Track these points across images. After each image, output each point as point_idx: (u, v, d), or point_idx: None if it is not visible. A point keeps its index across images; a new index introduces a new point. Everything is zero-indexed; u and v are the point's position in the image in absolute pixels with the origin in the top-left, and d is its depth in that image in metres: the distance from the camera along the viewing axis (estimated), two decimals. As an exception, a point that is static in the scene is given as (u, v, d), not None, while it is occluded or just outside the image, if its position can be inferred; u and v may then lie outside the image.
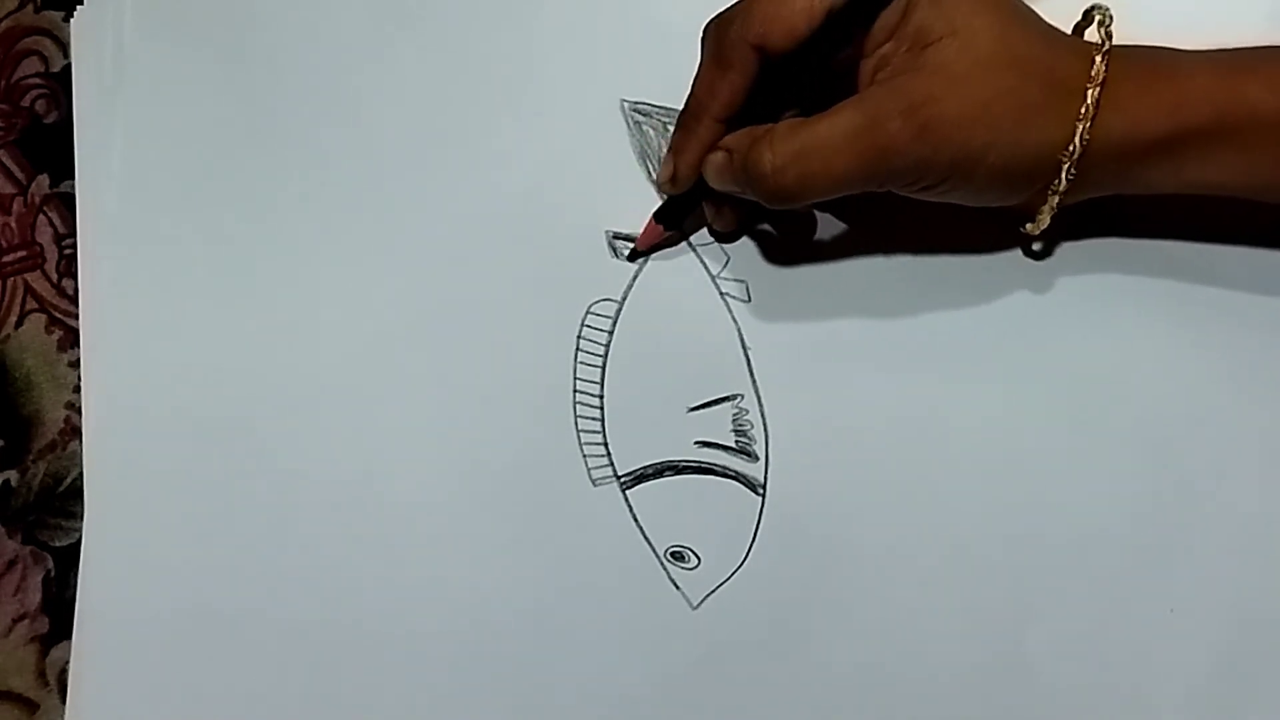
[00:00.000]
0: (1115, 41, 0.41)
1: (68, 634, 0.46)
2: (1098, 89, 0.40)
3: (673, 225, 0.48)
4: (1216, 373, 0.46)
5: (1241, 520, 0.45)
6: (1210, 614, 0.44)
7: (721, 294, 0.48)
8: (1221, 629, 0.44)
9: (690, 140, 0.45)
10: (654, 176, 0.49)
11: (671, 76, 0.49)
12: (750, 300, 0.48)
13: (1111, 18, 0.42)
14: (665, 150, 0.49)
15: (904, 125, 0.39)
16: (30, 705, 0.47)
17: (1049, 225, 0.43)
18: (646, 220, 0.48)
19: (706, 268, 0.48)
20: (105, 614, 0.46)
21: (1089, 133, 0.40)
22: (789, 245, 0.48)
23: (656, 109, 0.49)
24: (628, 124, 0.49)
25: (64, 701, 0.46)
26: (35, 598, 0.47)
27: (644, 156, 0.49)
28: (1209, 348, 0.46)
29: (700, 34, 0.44)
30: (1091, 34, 0.42)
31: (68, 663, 0.46)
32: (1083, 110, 0.40)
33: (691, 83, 0.45)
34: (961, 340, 0.47)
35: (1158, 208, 0.44)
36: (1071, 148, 0.40)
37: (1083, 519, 0.45)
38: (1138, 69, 0.40)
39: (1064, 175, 0.41)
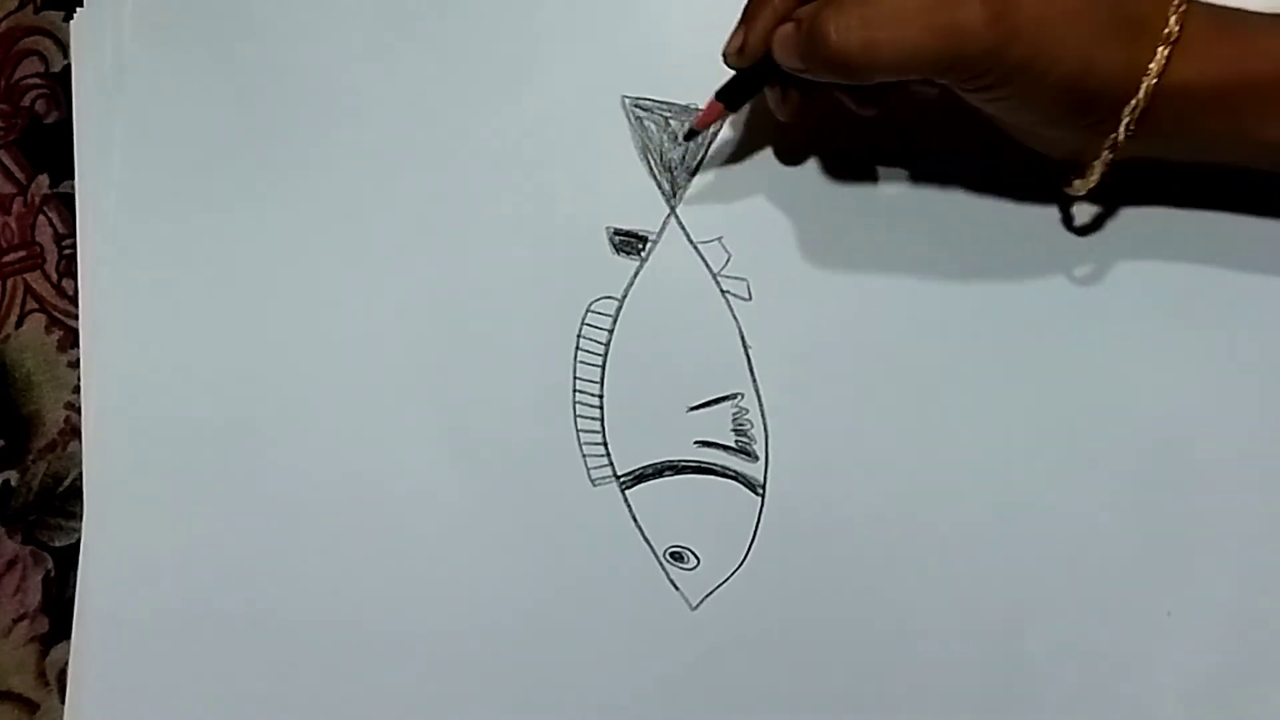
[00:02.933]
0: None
1: (68, 634, 0.46)
2: (1168, 48, 0.39)
3: (734, 105, 0.46)
4: (1216, 374, 0.46)
5: (1241, 522, 0.45)
6: (1209, 616, 0.44)
7: (723, 292, 0.48)
8: (1220, 631, 0.44)
9: (763, 9, 0.43)
10: (655, 172, 0.49)
11: (672, 72, 0.49)
12: (751, 299, 0.48)
13: None
14: (666, 145, 0.49)
15: (981, 7, 0.39)
16: (30, 705, 0.47)
17: (1093, 185, 0.43)
18: (708, 100, 0.46)
19: (708, 266, 0.48)
20: (105, 614, 0.47)
21: (1168, 57, 0.39)
22: (791, 243, 0.48)
23: (658, 105, 0.49)
24: (629, 120, 0.49)
25: (64, 701, 0.46)
26: (35, 598, 0.48)
27: (645, 152, 0.49)
28: (1209, 350, 0.46)
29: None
30: None
31: (68, 663, 0.46)
32: (1153, 66, 0.39)
33: None
34: (961, 341, 0.46)
35: (1173, 202, 0.44)
36: (1135, 101, 0.40)
37: (1082, 520, 0.45)
38: (1206, 19, 0.40)
39: (1122, 128, 0.40)
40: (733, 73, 0.45)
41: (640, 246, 0.48)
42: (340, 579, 0.46)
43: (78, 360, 0.49)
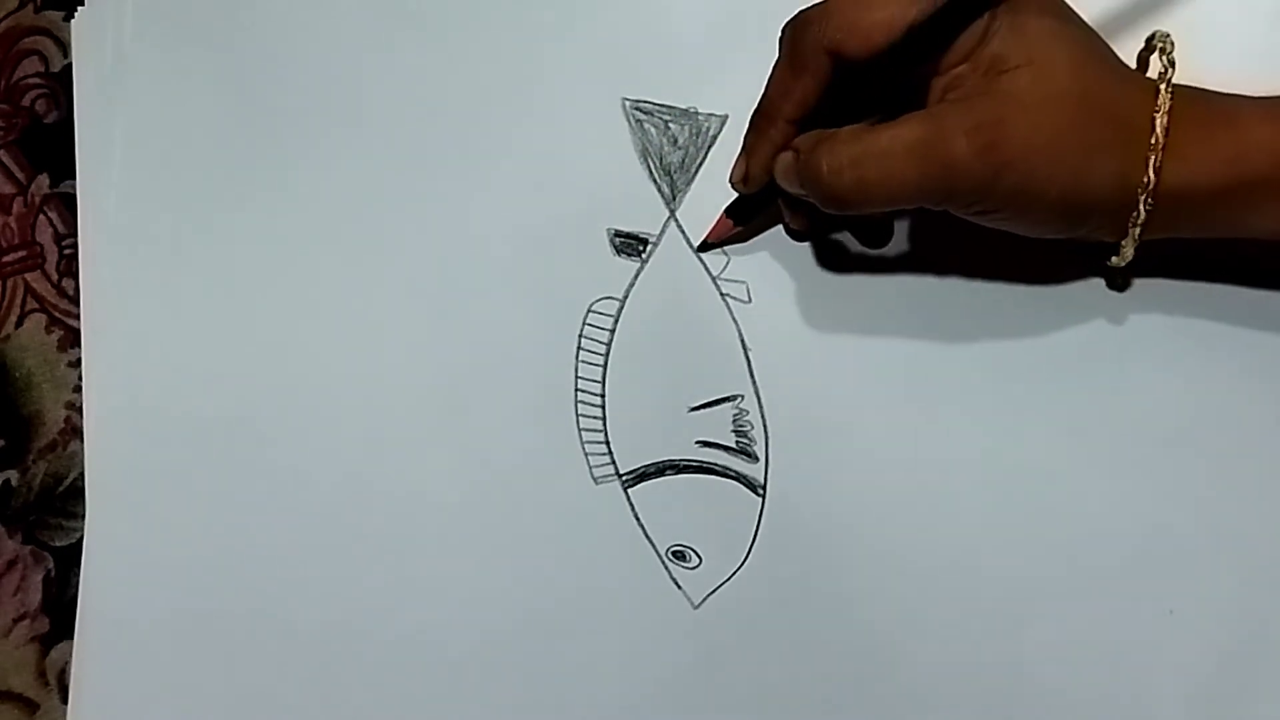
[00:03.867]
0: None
1: (68, 634, 0.46)
2: (1166, 118, 0.39)
3: (743, 221, 0.47)
4: (1216, 373, 0.46)
5: (1241, 520, 0.45)
6: (1210, 615, 0.44)
7: (722, 294, 0.48)
8: (1221, 630, 0.44)
9: (761, 140, 0.45)
10: (655, 175, 0.49)
11: (672, 75, 0.49)
12: (751, 301, 0.48)
13: (1173, 44, 0.42)
14: (666, 148, 0.49)
15: (969, 143, 0.39)
16: (30, 705, 0.47)
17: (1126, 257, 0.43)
18: (718, 215, 0.48)
19: (707, 268, 0.48)
20: (107, 614, 0.46)
21: (1159, 163, 0.39)
22: (789, 247, 0.48)
23: (657, 107, 0.49)
24: (629, 122, 0.49)
25: (64, 701, 0.46)
26: (35, 598, 0.47)
27: (645, 155, 0.49)
28: (1208, 348, 0.46)
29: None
30: (1155, 62, 0.42)
31: (68, 663, 0.46)
32: (1153, 141, 0.39)
33: (766, 82, 0.44)
34: (961, 342, 0.47)
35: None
36: (1146, 178, 0.39)
37: (1083, 520, 0.45)
38: (1197, 114, 0.40)
39: (1141, 206, 0.40)
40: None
41: (641, 248, 0.48)
42: (342, 578, 0.46)
43: (78, 360, 0.48)
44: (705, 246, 0.48)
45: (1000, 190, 0.40)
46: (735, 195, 0.47)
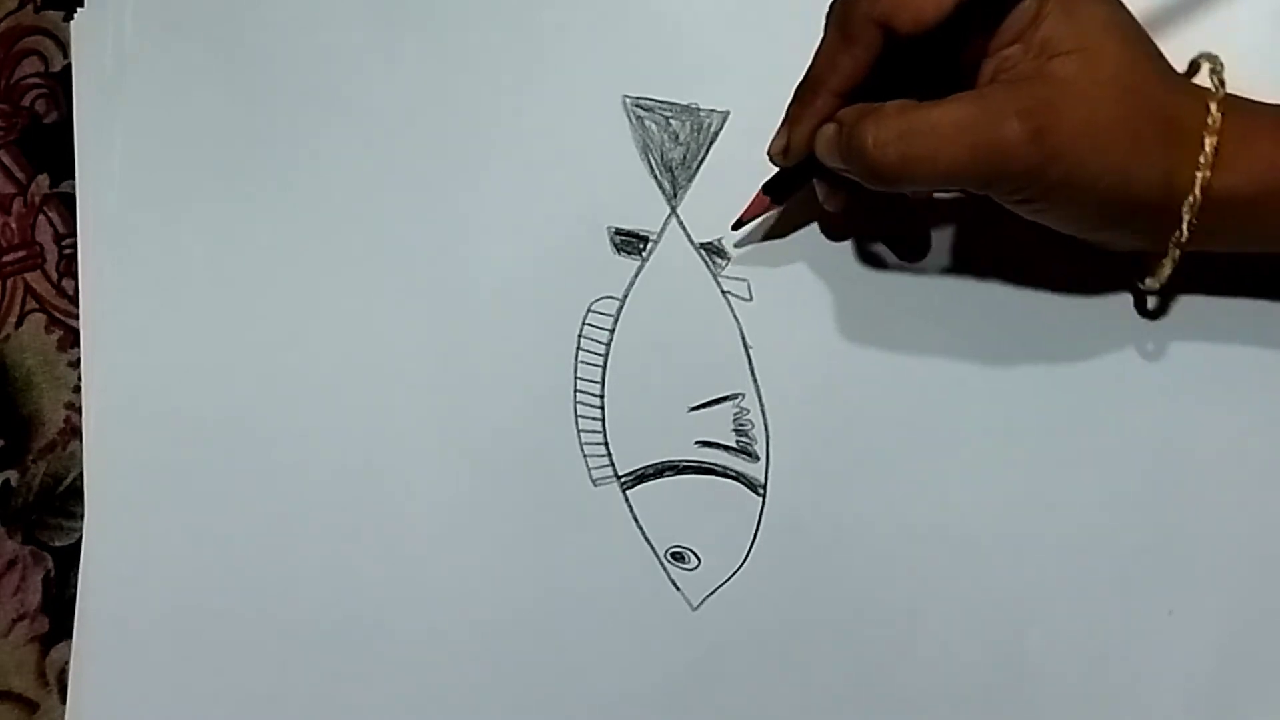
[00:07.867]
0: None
1: (67, 634, 0.47)
2: (1215, 137, 0.39)
3: (780, 199, 0.46)
4: (1217, 372, 0.46)
5: (1241, 520, 0.45)
6: (1210, 615, 0.44)
7: (723, 293, 0.48)
8: (1221, 630, 0.44)
9: (805, 111, 0.44)
10: (656, 172, 0.49)
11: (673, 71, 0.49)
12: (752, 299, 0.48)
13: (1223, 65, 0.41)
14: (667, 144, 0.49)
15: (1020, 126, 0.38)
16: (30, 705, 0.47)
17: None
18: (754, 193, 0.47)
19: (709, 266, 0.48)
20: (106, 614, 0.47)
21: (1209, 180, 0.39)
22: (791, 244, 0.48)
23: (658, 104, 0.49)
24: (630, 120, 0.49)
25: (64, 701, 0.46)
26: (35, 598, 0.48)
27: (646, 152, 0.49)
28: (1209, 346, 0.46)
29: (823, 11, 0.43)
30: (1201, 80, 0.42)
31: (68, 663, 0.46)
32: (1201, 159, 0.39)
33: (813, 55, 0.44)
34: (960, 341, 0.47)
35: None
36: (1192, 198, 0.39)
37: (1083, 519, 0.45)
38: (1242, 125, 0.39)
39: (1184, 226, 0.40)
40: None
41: (641, 246, 0.48)
42: (341, 578, 0.46)
43: (78, 360, 0.49)
44: (739, 224, 0.47)
45: (1049, 178, 0.39)
46: (747, 188, 0.47)
